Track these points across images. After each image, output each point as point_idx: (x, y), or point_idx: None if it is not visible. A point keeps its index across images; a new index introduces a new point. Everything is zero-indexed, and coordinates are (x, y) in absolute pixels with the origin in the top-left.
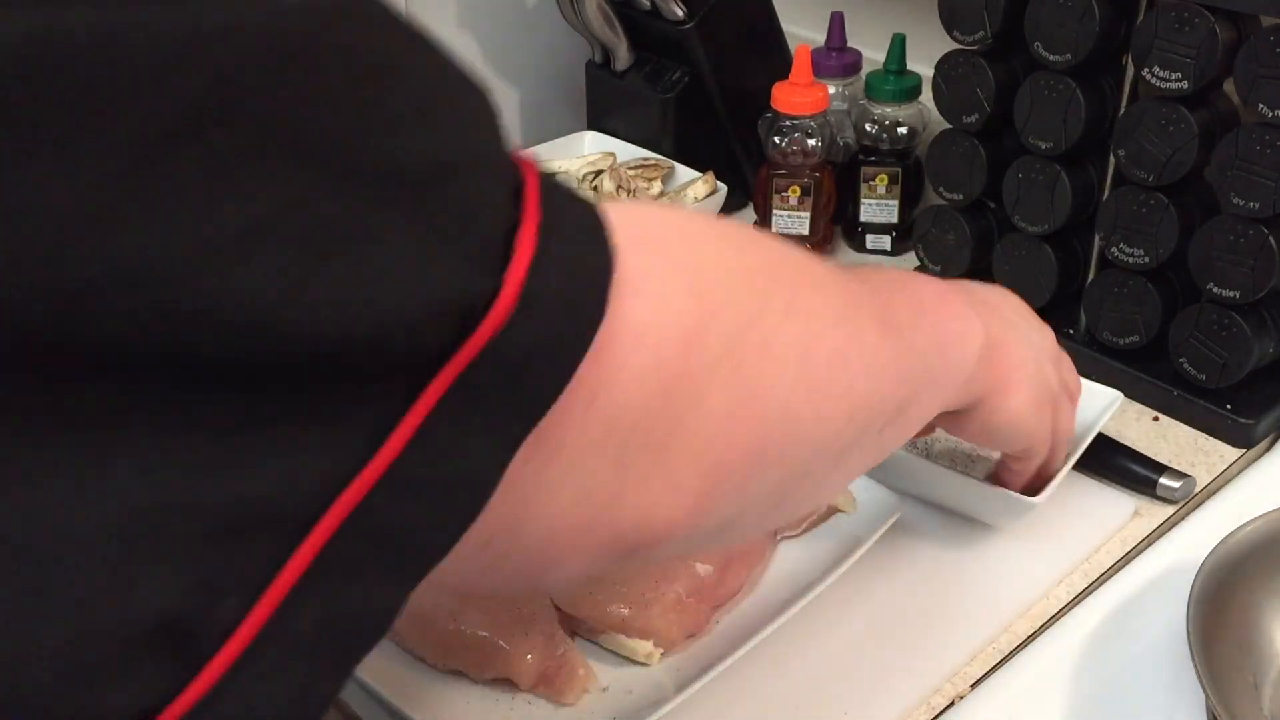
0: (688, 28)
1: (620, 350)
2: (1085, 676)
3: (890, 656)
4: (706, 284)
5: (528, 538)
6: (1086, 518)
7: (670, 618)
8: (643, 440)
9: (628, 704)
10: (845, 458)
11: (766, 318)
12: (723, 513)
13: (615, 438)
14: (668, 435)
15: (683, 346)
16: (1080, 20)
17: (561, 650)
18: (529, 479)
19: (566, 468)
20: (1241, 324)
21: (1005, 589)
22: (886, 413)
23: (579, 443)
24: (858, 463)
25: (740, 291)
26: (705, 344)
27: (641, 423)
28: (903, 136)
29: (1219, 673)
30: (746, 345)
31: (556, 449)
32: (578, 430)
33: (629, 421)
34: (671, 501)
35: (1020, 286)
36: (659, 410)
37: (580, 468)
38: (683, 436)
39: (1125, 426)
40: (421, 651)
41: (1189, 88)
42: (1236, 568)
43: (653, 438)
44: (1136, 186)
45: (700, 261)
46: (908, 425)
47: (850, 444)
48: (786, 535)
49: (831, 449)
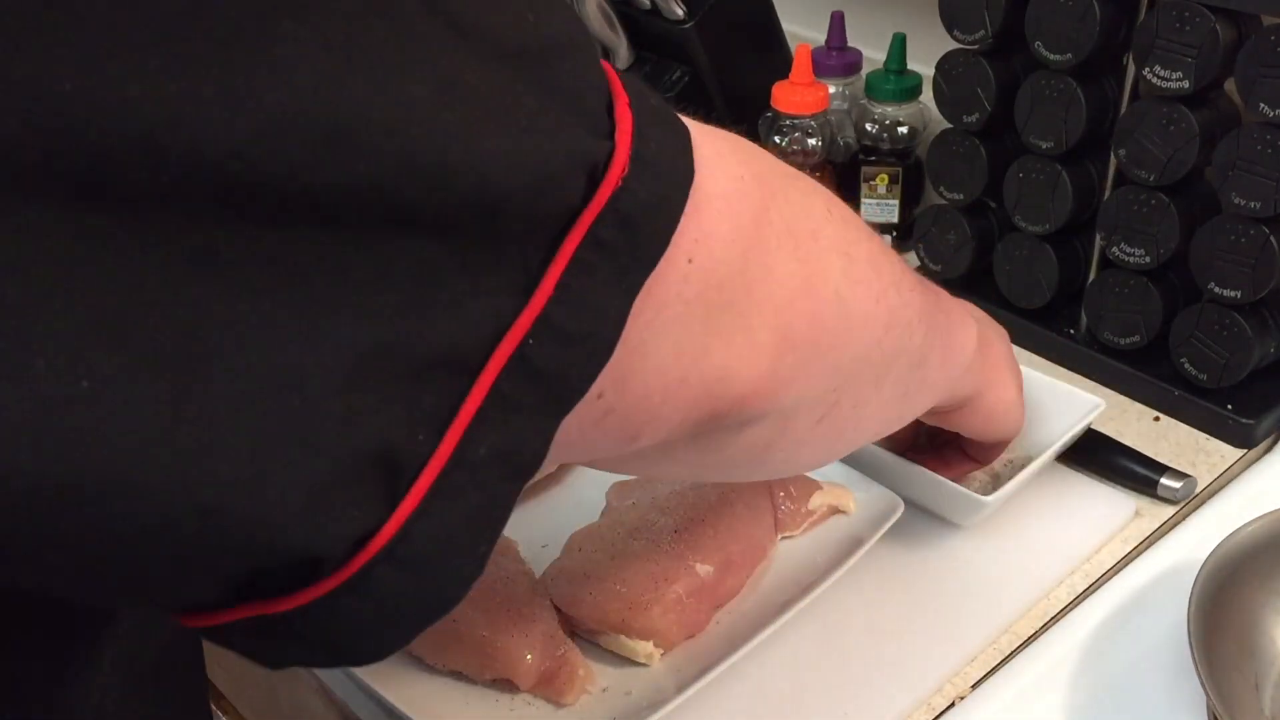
0: (688, 27)
1: (709, 215)
2: (1086, 677)
3: (890, 656)
4: (766, 172)
5: (632, 392)
6: (1087, 518)
7: (670, 618)
8: (728, 299)
9: (628, 704)
10: (882, 381)
11: (814, 212)
12: (790, 389)
13: (706, 296)
14: (747, 297)
15: (754, 219)
16: (1081, 19)
17: (561, 650)
18: (635, 333)
19: (667, 323)
20: (1242, 324)
21: (1006, 589)
22: (914, 344)
23: (677, 299)
24: (891, 399)
25: (792, 187)
26: (770, 221)
27: (726, 283)
28: (903, 136)
29: (1220, 673)
30: (801, 231)
31: (660, 306)
32: (676, 287)
33: (716, 281)
34: (751, 359)
35: (1021, 286)
36: (739, 274)
37: (677, 323)
38: (758, 300)
39: (1126, 426)
40: (421, 651)
41: (1190, 87)
42: (1237, 568)
43: (736, 298)
44: (1137, 186)
45: (757, 154)
46: (924, 385)
47: (888, 361)
48: (786, 535)
49: (872, 360)
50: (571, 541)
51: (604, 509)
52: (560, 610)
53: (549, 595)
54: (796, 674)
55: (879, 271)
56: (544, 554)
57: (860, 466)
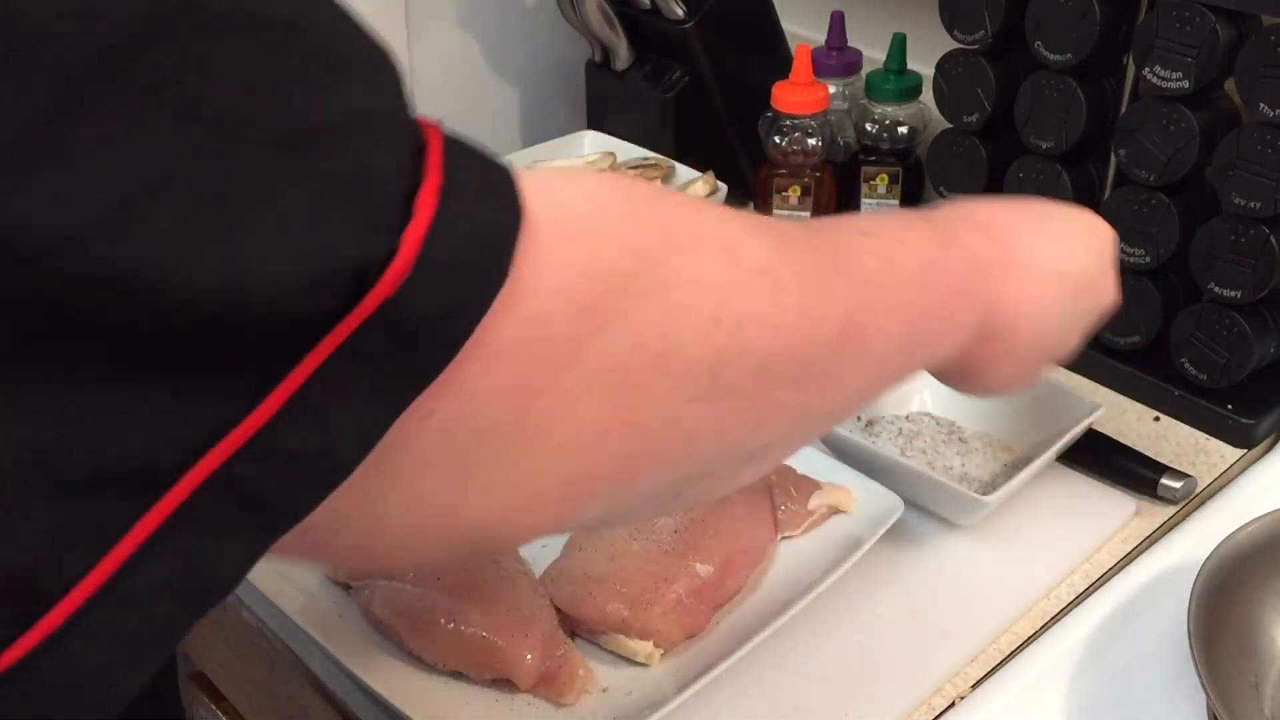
0: (688, 27)
1: (473, 370)
2: (1086, 677)
3: (890, 657)
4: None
5: (350, 534)
6: (1087, 518)
7: (670, 618)
8: (489, 453)
9: (628, 704)
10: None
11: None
12: (593, 512)
13: (455, 448)
14: (523, 448)
15: (550, 364)
16: (1081, 19)
17: (561, 650)
18: (359, 481)
19: (401, 470)
20: (1242, 324)
21: (1006, 589)
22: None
23: (415, 446)
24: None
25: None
26: (583, 362)
27: (488, 437)
28: (903, 136)
29: (1220, 673)
30: (635, 365)
31: (394, 448)
32: (413, 436)
33: (472, 433)
34: (525, 510)
35: None
36: (513, 425)
37: (412, 473)
38: (540, 452)
39: (1126, 427)
40: (421, 652)
41: (1190, 87)
42: (1237, 568)
43: (504, 449)
44: (1137, 186)
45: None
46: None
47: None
48: (786, 535)
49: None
50: (571, 541)
51: None
52: (560, 610)
53: (549, 595)
54: (796, 674)
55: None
56: (544, 554)
57: (860, 466)
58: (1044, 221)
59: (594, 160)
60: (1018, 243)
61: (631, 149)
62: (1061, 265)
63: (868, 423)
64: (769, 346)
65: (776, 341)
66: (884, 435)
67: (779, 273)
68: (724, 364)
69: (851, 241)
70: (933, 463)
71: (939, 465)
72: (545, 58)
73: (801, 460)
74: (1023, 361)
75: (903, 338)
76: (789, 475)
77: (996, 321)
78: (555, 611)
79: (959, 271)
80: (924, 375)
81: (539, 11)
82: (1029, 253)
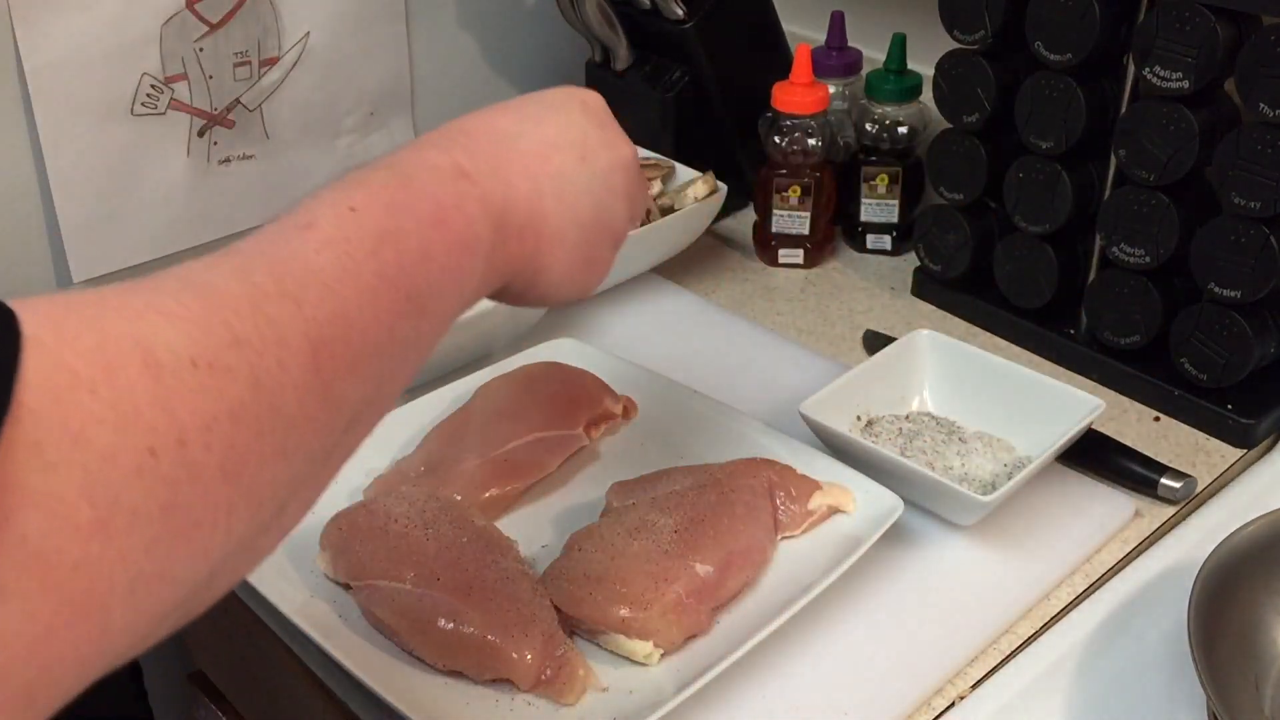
0: (688, 27)
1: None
2: (1086, 677)
3: (890, 656)
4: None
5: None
6: (1087, 518)
7: (670, 618)
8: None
9: (628, 704)
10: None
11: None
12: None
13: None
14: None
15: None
16: (1081, 20)
17: (561, 650)
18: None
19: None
20: (1242, 324)
21: (1006, 589)
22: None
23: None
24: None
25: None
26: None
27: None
28: (903, 136)
29: (1220, 673)
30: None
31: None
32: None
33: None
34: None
35: (1021, 286)
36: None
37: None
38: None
39: (1126, 427)
40: (421, 652)
41: (1190, 87)
42: (1237, 568)
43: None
44: (1137, 186)
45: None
46: (418, 343)
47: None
48: (786, 535)
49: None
50: (571, 541)
51: (604, 509)
52: (560, 610)
53: (549, 595)
54: (796, 674)
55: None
56: (544, 554)
57: (860, 466)
58: (520, 108)
59: None
60: (499, 135)
61: None
62: (553, 138)
63: (868, 423)
64: (228, 439)
65: (238, 429)
66: (884, 435)
67: (210, 352)
68: (179, 488)
69: (293, 248)
70: (933, 463)
71: (939, 465)
72: (545, 58)
73: (801, 460)
74: (572, 245)
75: (400, 302)
76: (789, 475)
77: (513, 214)
78: (555, 611)
79: (432, 195)
80: (924, 376)
81: (539, 11)
82: (515, 139)
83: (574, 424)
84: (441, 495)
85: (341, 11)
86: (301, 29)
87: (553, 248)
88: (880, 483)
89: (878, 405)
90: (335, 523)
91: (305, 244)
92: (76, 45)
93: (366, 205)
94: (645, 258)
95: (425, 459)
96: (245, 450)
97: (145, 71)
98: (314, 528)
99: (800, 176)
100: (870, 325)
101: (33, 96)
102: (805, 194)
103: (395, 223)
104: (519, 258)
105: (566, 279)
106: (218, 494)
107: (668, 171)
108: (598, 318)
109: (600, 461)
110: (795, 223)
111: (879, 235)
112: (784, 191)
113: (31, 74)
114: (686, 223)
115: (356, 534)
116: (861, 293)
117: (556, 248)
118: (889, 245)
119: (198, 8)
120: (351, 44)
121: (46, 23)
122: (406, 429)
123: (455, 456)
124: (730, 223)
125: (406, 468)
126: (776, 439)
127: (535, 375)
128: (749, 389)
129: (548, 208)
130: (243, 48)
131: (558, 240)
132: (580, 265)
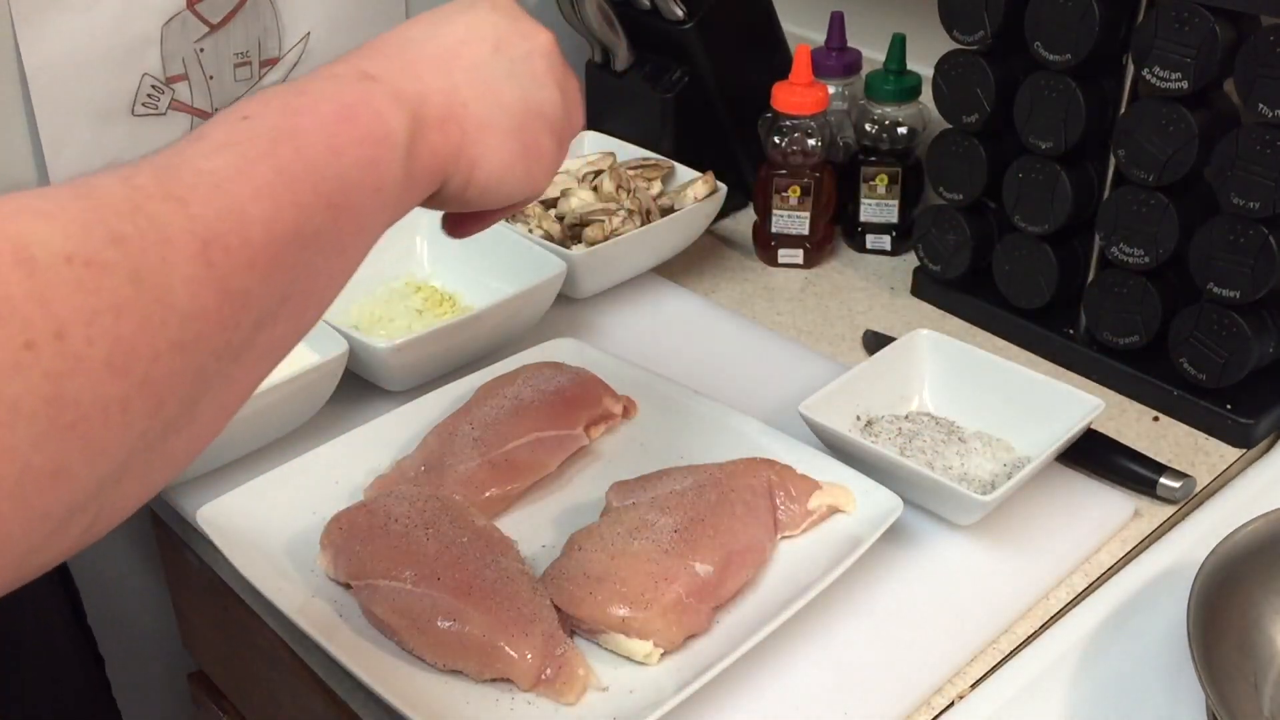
0: (688, 28)
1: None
2: (1086, 677)
3: (890, 656)
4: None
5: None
6: (1086, 518)
7: (670, 617)
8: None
9: (628, 704)
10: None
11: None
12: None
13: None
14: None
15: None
16: (1080, 20)
17: (561, 650)
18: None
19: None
20: (1241, 324)
21: (1005, 589)
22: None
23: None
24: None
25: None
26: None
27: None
28: (903, 136)
29: (1219, 673)
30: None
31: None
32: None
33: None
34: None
35: (1020, 286)
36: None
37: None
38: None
39: (1125, 426)
40: (421, 651)
41: (1189, 87)
42: (1237, 568)
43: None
44: (1136, 186)
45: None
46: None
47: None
48: (786, 535)
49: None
50: (571, 541)
51: (604, 509)
52: (560, 610)
53: (549, 595)
54: (796, 674)
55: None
56: (544, 554)
57: (860, 466)
58: (427, 16)
59: (594, 160)
60: (405, 41)
61: (631, 149)
62: (462, 34)
63: (868, 423)
64: (111, 333)
65: (121, 323)
66: (884, 435)
67: (86, 249)
68: (62, 381)
69: (184, 156)
70: (932, 463)
71: (939, 465)
72: None
73: (801, 460)
74: (503, 132)
75: (306, 196)
76: (789, 475)
77: (429, 106)
78: (555, 611)
79: (334, 97)
80: (924, 376)
81: (539, 12)
82: (422, 42)
83: (574, 424)
84: (441, 495)
85: (341, 12)
86: (302, 29)
87: (482, 135)
88: (880, 482)
89: (877, 405)
90: (336, 522)
91: (196, 152)
92: (77, 45)
93: (260, 112)
94: (645, 258)
95: (425, 459)
96: (133, 344)
97: (146, 72)
98: (314, 528)
99: (800, 177)
100: (870, 325)
101: (33, 96)
102: (805, 194)
103: (292, 123)
104: (445, 151)
105: (505, 169)
106: (107, 387)
107: (668, 171)
108: (598, 318)
109: (600, 461)
110: (795, 223)
111: (879, 235)
112: (784, 192)
113: (32, 74)
114: (686, 223)
115: (357, 534)
116: (861, 293)
117: (487, 135)
118: (889, 245)
119: (198, 8)
120: (352, 44)
121: (47, 23)
122: (406, 429)
123: (455, 456)
124: (730, 223)
125: (406, 468)
126: (776, 439)
127: (535, 375)
128: (749, 389)
129: (466, 96)
130: (243, 48)
131: (486, 128)
132: (518, 154)
